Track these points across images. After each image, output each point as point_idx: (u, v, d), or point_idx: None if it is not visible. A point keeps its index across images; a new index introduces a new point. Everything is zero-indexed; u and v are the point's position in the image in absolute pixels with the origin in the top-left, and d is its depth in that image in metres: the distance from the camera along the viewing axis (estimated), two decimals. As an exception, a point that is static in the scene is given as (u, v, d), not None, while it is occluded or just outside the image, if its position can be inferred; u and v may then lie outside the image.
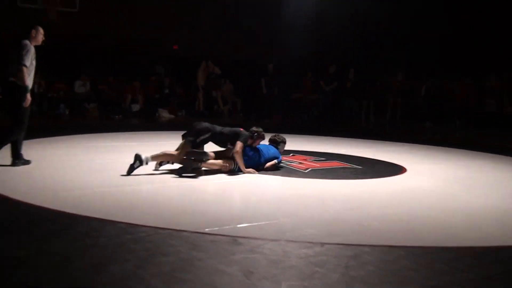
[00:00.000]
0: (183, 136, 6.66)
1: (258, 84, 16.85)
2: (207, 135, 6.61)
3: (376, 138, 11.59)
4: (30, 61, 6.30)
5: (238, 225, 4.22)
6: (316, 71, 17.43)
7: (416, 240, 4.12)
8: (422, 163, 8.24)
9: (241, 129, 6.74)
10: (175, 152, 6.49)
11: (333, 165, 7.58)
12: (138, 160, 6.23)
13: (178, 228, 4.03)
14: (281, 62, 17.03)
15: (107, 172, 6.29)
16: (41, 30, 6.49)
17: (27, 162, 6.45)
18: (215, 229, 4.07)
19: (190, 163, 6.29)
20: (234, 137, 6.60)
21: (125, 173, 6.11)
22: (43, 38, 6.50)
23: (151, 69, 17.97)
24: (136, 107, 16.34)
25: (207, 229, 4.05)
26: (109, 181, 5.75)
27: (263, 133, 6.87)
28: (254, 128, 6.83)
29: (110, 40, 17.41)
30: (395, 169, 7.46)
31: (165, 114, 16.25)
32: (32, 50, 6.34)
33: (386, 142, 11.07)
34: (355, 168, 7.42)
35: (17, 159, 6.37)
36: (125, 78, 16.84)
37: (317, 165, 7.46)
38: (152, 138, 10.13)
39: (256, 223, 4.30)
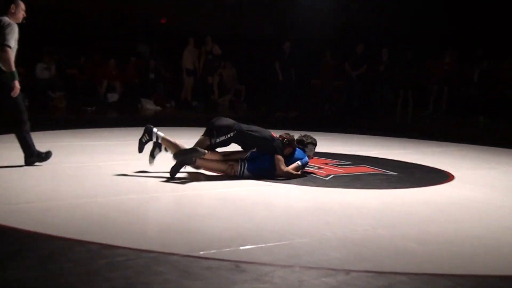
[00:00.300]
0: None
1: (267, 67, 16.81)
2: (229, 135, 6.70)
3: (416, 137, 11.58)
4: (14, 42, 6.52)
5: (241, 247, 4.22)
6: (339, 51, 17.40)
7: (467, 267, 4.11)
8: (474, 168, 8.21)
9: (272, 133, 6.84)
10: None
11: (361, 170, 7.57)
12: (147, 133, 6.58)
13: (166, 251, 4.04)
14: (296, 39, 16.94)
15: (77, 179, 6.31)
16: (22, 5, 6.66)
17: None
18: (212, 252, 4.07)
19: (185, 159, 6.39)
20: (264, 144, 6.72)
21: (106, 180, 6.13)
22: (24, 15, 6.69)
23: (133, 48, 18.00)
24: (113, 97, 16.39)
25: (202, 252, 4.06)
26: (79, 190, 5.76)
27: (294, 141, 6.94)
28: (284, 135, 6.89)
29: (81, 11, 17.45)
30: (440, 176, 7.45)
31: (149, 106, 16.29)
32: (15, 29, 6.53)
33: (429, 141, 11.06)
34: (389, 174, 7.41)
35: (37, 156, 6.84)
36: (99, 58, 16.85)
37: (341, 170, 7.46)
38: (134, 136, 10.14)
39: (263, 245, 4.30)
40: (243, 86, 18.25)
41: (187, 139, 7.30)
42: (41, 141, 8.86)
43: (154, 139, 6.68)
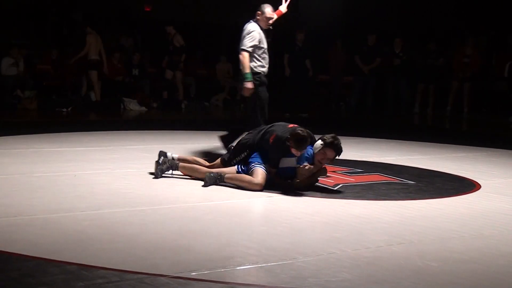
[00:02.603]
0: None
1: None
2: (244, 154, 6.96)
3: (437, 140, 11.58)
4: (252, 45, 8.03)
5: (238, 267, 4.24)
6: (349, 43, 17.39)
7: (494, 289, 4.14)
8: (503, 176, 8.23)
9: (273, 136, 6.75)
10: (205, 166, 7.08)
11: (374, 179, 7.59)
12: (163, 156, 7.09)
13: (152, 272, 4.05)
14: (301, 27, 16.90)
15: (51, 190, 6.32)
16: (267, 13, 8.08)
17: None
18: (205, 273, 4.09)
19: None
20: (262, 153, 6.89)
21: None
22: (269, 22, 8.16)
23: (114, 41, 17.96)
24: (93, 96, 16.36)
25: (193, 273, 4.07)
26: (53, 203, 5.77)
27: (301, 134, 6.55)
28: (298, 130, 6.64)
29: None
30: (464, 185, 7.47)
31: (133, 106, 16.30)
32: (254, 34, 8.03)
33: (451, 145, 11.07)
34: (405, 183, 7.43)
35: None
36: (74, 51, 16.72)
37: (351, 179, 7.48)
38: (115, 140, 10.17)
39: (263, 264, 4.32)
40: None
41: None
42: (10, 147, 8.88)
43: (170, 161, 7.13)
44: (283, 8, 8.54)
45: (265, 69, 8.29)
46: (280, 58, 15.97)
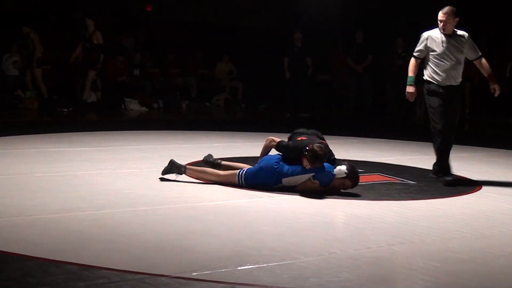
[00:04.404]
0: None
1: (270, 61, 16.76)
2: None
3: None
4: (417, 50, 7.75)
5: (239, 267, 4.24)
6: (349, 43, 17.41)
7: (495, 289, 4.14)
8: (504, 176, 8.23)
9: (302, 138, 6.85)
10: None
11: (375, 179, 7.59)
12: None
13: (153, 272, 4.06)
14: (298, 28, 16.90)
15: (51, 190, 6.32)
16: (438, 16, 7.58)
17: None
18: (206, 273, 4.09)
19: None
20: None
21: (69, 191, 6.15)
22: (440, 26, 7.59)
23: (116, 41, 17.93)
24: (93, 96, 16.36)
25: (195, 273, 4.08)
26: (54, 204, 5.77)
27: (319, 152, 6.46)
28: (316, 145, 6.55)
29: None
30: (466, 186, 7.46)
31: (134, 106, 16.30)
32: (423, 39, 7.69)
33: (452, 145, 11.05)
34: (406, 183, 7.43)
35: (442, 173, 7.54)
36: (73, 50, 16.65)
37: (352, 179, 7.48)
38: (116, 141, 10.17)
39: (264, 264, 4.33)
40: (240, 83, 18.25)
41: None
42: (10, 147, 8.89)
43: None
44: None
45: (440, 78, 7.58)
46: (274, 57, 16.07)
